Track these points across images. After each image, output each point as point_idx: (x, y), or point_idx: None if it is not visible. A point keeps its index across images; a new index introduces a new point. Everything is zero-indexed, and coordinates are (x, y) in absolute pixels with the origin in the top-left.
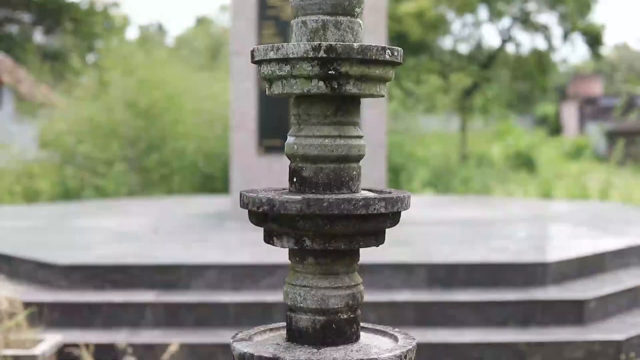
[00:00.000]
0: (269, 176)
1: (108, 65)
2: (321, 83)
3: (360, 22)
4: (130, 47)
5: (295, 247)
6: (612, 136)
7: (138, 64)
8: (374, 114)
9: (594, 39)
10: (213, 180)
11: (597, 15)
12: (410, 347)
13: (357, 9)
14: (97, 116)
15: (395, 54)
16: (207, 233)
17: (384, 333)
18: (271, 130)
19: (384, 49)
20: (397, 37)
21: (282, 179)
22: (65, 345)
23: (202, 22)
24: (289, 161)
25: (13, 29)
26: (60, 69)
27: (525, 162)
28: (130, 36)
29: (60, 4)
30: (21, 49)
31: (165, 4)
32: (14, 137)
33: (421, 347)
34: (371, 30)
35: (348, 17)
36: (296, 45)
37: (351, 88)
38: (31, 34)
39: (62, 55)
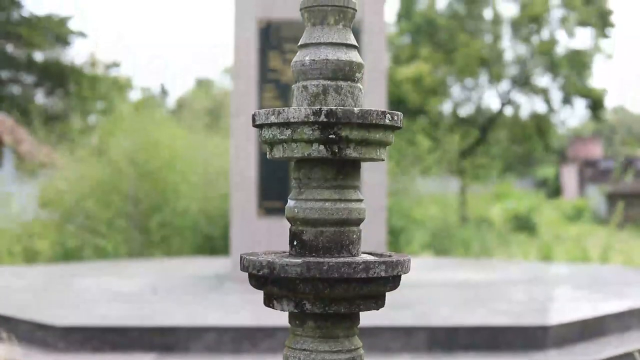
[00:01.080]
0: (269, 238)
1: (109, 127)
2: (322, 147)
3: (361, 86)
4: (131, 108)
5: (295, 311)
6: (611, 198)
7: (140, 125)
8: (374, 177)
9: (594, 103)
10: (213, 241)
11: (597, 79)
12: None
13: (357, 74)
14: (97, 176)
15: (395, 118)
16: (207, 294)
17: None
18: (272, 191)
19: (384, 113)
20: (396, 102)
21: (282, 241)
22: None
23: (202, 84)
24: (289, 224)
25: (15, 89)
26: (62, 129)
27: (525, 225)
28: (132, 97)
29: (62, 65)
30: (23, 109)
31: (167, 65)
32: (14, 197)
33: None
34: (371, 93)
35: (349, 82)
36: (297, 110)
37: (351, 152)
38: (33, 95)
39: (63, 116)
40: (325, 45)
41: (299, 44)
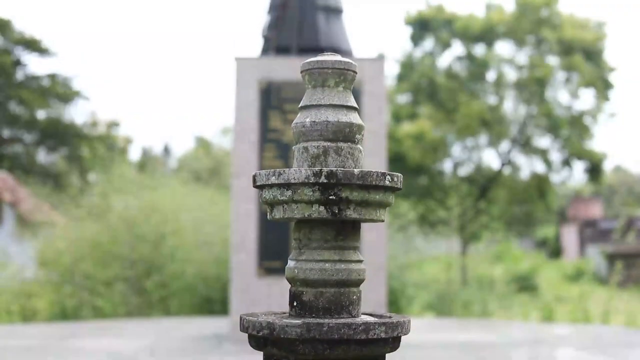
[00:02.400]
0: (268, 298)
1: (109, 186)
2: (322, 208)
3: (361, 148)
4: (132, 168)
5: None
6: (612, 258)
7: (139, 186)
8: (374, 237)
9: (593, 167)
10: (212, 302)
11: (598, 139)
12: None
13: (357, 136)
14: (97, 236)
15: (395, 179)
16: (205, 356)
17: None
18: (271, 251)
19: (384, 174)
20: (396, 159)
21: (282, 301)
22: None
23: (202, 143)
24: (289, 284)
25: (17, 148)
26: (62, 188)
27: (526, 285)
28: (133, 157)
29: (64, 124)
30: (24, 168)
31: (168, 125)
32: (13, 256)
33: None
34: (371, 153)
35: (349, 143)
36: (297, 171)
37: (351, 213)
38: (34, 154)
39: (63, 175)
40: (325, 107)
41: (300, 105)
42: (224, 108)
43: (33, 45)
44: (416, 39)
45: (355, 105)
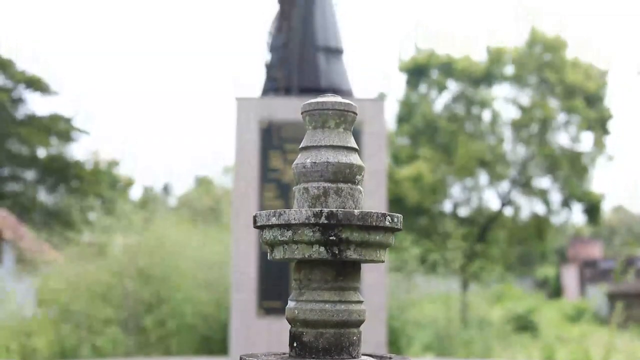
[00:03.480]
0: (268, 339)
1: (110, 225)
2: (322, 249)
3: (361, 188)
4: (133, 207)
5: None
6: (612, 298)
7: (140, 225)
8: (374, 277)
9: (592, 208)
10: (211, 342)
11: (597, 179)
12: None
13: (358, 177)
14: (96, 274)
15: (395, 220)
16: None
17: None
18: (272, 291)
19: (384, 215)
20: (396, 201)
21: (282, 341)
22: None
23: (202, 182)
24: (290, 324)
25: (17, 186)
26: (62, 226)
27: (526, 325)
28: (134, 196)
29: (65, 162)
30: (24, 206)
31: (168, 164)
32: (13, 293)
33: None
34: (372, 193)
35: (349, 184)
36: (298, 212)
37: (352, 254)
38: (35, 192)
39: (64, 213)
40: (326, 148)
41: (300, 146)
42: (225, 147)
43: (35, 84)
44: (412, 84)
45: (356, 146)
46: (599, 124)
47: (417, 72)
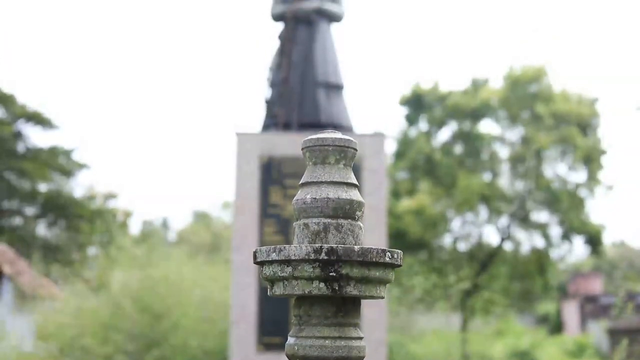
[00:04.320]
0: None
1: (109, 260)
2: (322, 285)
3: (361, 224)
4: (132, 242)
5: None
6: (613, 334)
7: (139, 259)
8: (374, 312)
9: (592, 240)
10: None
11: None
12: None
13: (357, 212)
14: (96, 310)
15: (395, 256)
16: None
17: None
18: (272, 327)
19: (384, 251)
20: (396, 235)
21: None
22: None
23: (201, 217)
24: None
25: (17, 220)
26: (62, 261)
27: None
28: (133, 230)
29: (64, 197)
30: (24, 241)
31: (168, 198)
32: (12, 329)
33: None
34: (371, 229)
35: (349, 220)
36: (298, 247)
37: (352, 290)
38: (35, 227)
39: (63, 249)
40: (326, 184)
41: (301, 182)
42: (225, 182)
43: (35, 118)
44: (411, 119)
45: (356, 182)
46: (595, 154)
47: (416, 106)
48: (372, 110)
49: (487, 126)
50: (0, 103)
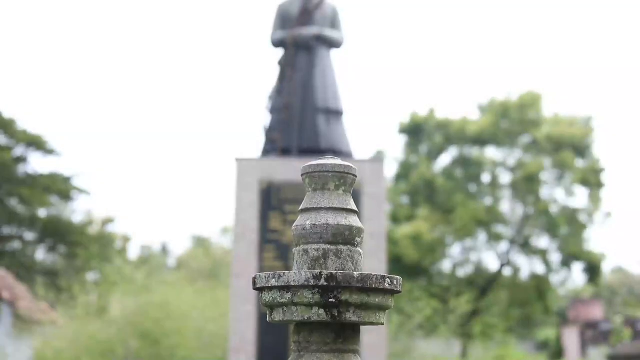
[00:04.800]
0: None
1: (108, 285)
2: (321, 311)
3: (361, 250)
4: (131, 267)
5: None
6: None
7: (139, 285)
8: (374, 339)
9: (592, 268)
10: None
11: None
12: None
13: (357, 239)
14: (95, 335)
15: (395, 282)
16: None
17: None
18: (271, 354)
19: (383, 277)
20: (394, 260)
21: None
22: None
23: (200, 242)
24: None
25: (16, 245)
26: (61, 287)
27: None
28: (132, 256)
29: (63, 222)
30: (23, 266)
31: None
32: (10, 354)
33: None
34: (371, 255)
35: (348, 246)
36: (297, 274)
37: (351, 316)
38: (34, 252)
39: (63, 274)
40: (325, 210)
41: (300, 208)
42: (224, 207)
43: (36, 143)
44: (411, 145)
45: (355, 208)
46: (593, 176)
47: (416, 133)
48: (371, 135)
49: (486, 152)
50: (1, 128)
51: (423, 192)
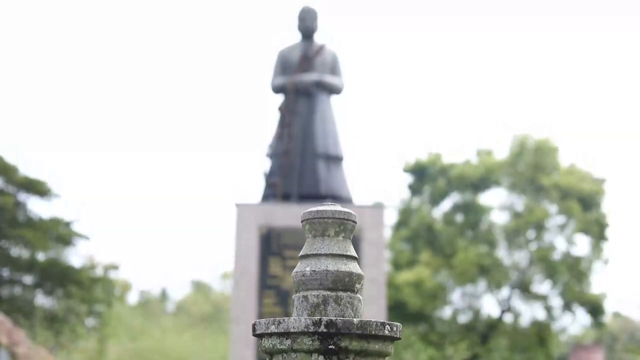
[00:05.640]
0: None
1: (108, 330)
2: (321, 357)
3: (360, 297)
4: (130, 312)
5: None
6: None
7: (138, 330)
8: None
9: (594, 309)
10: None
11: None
12: None
13: (357, 285)
14: None
15: (395, 329)
16: None
17: None
18: None
19: (383, 324)
20: (395, 307)
21: None
22: None
23: (199, 287)
24: None
25: (15, 290)
26: (60, 332)
27: None
28: (131, 300)
29: (63, 266)
30: (22, 310)
31: (165, 269)
32: None
33: None
34: (371, 301)
35: (348, 292)
36: (297, 320)
37: None
38: (33, 296)
39: (62, 319)
40: (325, 257)
41: (300, 254)
42: (224, 252)
43: (35, 187)
44: (414, 188)
45: (355, 254)
46: (596, 227)
47: (419, 175)
48: (372, 181)
49: (489, 197)
50: (2, 173)
51: (424, 236)
